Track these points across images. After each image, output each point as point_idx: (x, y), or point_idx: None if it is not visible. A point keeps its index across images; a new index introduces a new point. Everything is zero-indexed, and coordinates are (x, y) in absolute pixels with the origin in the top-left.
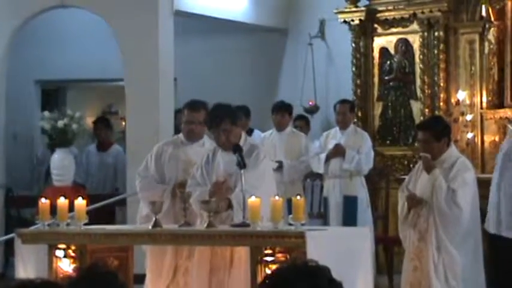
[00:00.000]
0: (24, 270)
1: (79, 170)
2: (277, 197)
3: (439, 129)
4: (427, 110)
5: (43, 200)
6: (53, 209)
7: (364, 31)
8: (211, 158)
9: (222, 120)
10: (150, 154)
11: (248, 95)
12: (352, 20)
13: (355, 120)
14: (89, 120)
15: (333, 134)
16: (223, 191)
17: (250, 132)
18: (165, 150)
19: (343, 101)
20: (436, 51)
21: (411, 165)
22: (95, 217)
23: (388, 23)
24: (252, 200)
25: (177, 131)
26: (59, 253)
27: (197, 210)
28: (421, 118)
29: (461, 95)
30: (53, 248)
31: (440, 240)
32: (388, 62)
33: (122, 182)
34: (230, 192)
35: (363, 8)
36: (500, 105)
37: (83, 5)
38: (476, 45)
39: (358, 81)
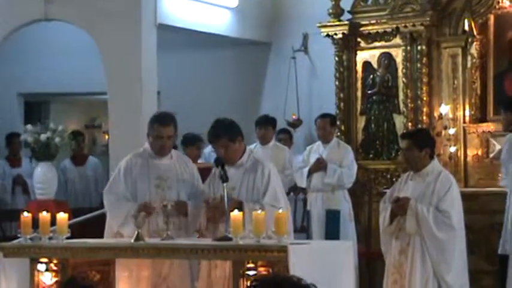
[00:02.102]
0: (6, 284)
1: (58, 188)
2: (259, 211)
3: (421, 138)
4: (410, 124)
5: (25, 213)
6: (36, 223)
7: (347, 45)
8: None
9: (219, 137)
10: (118, 169)
11: (231, 109)
12: (335, 34)
13: (338, 134)
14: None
15: (316, 148)
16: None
17: None
18: (134, 164)
19: (323, 116)
20: (418, 65)
21: (394, 179)
22: (81, 231)
23: (371, 37)
24: (234, 213)
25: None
26: (41, 267)
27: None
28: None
29: (444, 109)
30: (34, 261)
31: (436, 270)
32: (371, 76)
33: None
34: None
35: (346, 22)
36: (483, 119)
37: (66, 19)
38: (459, 59)
39: (341, 95)
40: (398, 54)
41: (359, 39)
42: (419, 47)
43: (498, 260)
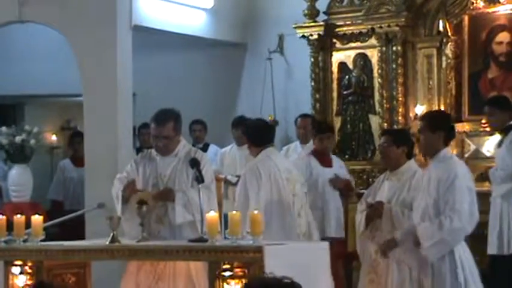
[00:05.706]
0: None
1: (58, 188)
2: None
3: (399, 136)
4: (385, 125)
5: None
6: (10, 226)
7: (322, 46)
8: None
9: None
10: (130, 164)
11: (207, 110)
12: (311, 35)
13: None
14: (48, 136)
15: (294, 148)
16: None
17: (206, 147)
18: (139, 162)
19: (304, 115)
20: (394, 66)
21: (370, 180)
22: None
23: (347, 38)
24: (210, 214)
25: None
26: (15, 270)
27: None
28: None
29: (420, 109)
30: (9, 264)
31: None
32: (347, 77)
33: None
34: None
35: (321, 23)
36: (458, 119)
37: (41, 21)
38: (434, 60)
39: (317, 96)
40: (373, 55)
41: (334, 40)
42: (394, 48)
43: None
